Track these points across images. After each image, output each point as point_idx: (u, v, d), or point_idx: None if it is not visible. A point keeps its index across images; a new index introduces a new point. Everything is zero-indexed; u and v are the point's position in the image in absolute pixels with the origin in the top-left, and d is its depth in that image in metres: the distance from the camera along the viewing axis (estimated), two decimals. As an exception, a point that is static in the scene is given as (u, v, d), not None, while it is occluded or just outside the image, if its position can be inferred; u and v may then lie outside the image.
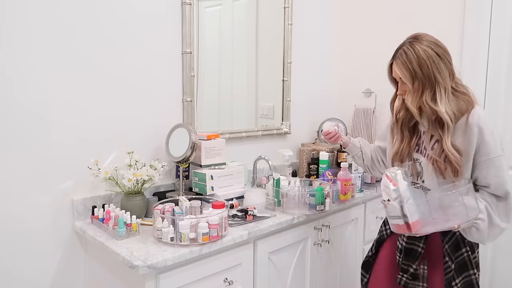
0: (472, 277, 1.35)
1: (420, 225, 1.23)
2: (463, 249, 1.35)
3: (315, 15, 2.50)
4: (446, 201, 1.25)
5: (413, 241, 1.40)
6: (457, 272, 1.34)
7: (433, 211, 1.25)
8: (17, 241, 1.44)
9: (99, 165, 1.54)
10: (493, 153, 1.28)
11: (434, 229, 1.26)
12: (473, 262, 1.35)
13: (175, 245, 1.33)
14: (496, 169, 1.28)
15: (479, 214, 1.27)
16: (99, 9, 1.56)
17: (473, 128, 1.28)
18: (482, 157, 1.29)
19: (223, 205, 1.43)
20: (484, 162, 1.29)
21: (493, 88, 2.09)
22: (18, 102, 1.40)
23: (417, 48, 1.31)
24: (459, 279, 1.34)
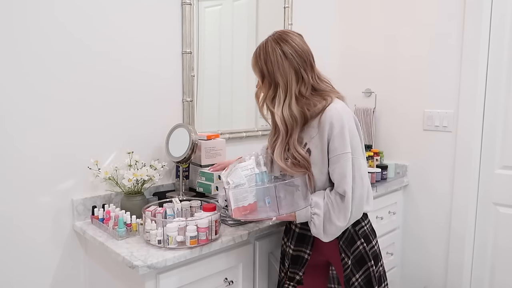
0: (370, 270, 1.31)
1: (240, 213, 1.22)
2: (358, 242, 1.32)
3: (315, 15, 2.50)
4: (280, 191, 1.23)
5: (299, 248, 1.40)
6: (355, 266, 1.31)
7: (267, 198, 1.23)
8: (17, 241, 1.44)
9: (99, 165, 1.54)
10: (340, 150, 1.24)
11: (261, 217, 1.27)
12: (369, 254, 1.32)
13: (162, 248, 1.30)
14: (339, 166, 1.24)
15: (315, 209, 1.26)
16: (100, 10, 1.56)
17: (324, 125, 1.25)
18: (331, 153, 1.26)
19: (213, 207, 1.40)
20: (332, 158, 1.26)
21: (493, 88, 2.09)
22: (15, 102, 1.40)
23: (268, 45, 1.28)
24: (358, 274, 1.31)
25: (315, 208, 1.27)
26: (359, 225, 1.34)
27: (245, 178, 1.29)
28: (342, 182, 1.23)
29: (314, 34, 2.51)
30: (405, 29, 2.38)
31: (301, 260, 1.40)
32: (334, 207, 1.25)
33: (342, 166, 1.24)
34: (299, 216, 1.29)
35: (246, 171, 1.31)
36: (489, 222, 2.15)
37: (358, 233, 1.33)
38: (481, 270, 2.19)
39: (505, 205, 2.09)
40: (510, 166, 2.07)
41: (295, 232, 1.42)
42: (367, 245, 1.33)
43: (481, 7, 2.06)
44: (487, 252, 2.17)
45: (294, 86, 1.27)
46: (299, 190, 1.24)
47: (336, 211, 1.24)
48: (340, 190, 1.24)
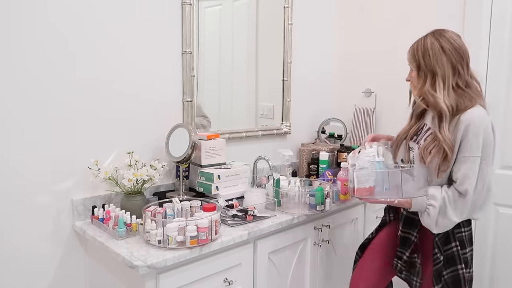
0: (459, 272, 1.40)
1: (361, 193, 1.41)
2: (453, 243, 1.41)
3: (315, 15, 2.50)
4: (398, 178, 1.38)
5: (407, 230, 1.51)
6: (445, 264, 1.41)
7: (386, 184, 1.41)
8: (17, 241, 1.44)
9: (99, 165, 1.54)
10: (469, 152, 1.32)
11: (380, 199, 1.43)
12: (461, 257, 1.41)
13: (162, 248, 1.31)
14: (466, 166, 1.33)
15: (432, 200, 1.36)
16: (100, 10, 1.56)
17: (461, 125, 1.33)
18: (461, 153, 1.34)
19: (213, 207, 1.40)
20: (461, 158, 1.34)
21: (493, 88, 2.09)
22: (17, 101, 1.40)
23: (427, 40, 1.41)
24: (446, 271, 1.41)
25: (431, 199, 1.37)
26: (457, 229, 1.42)
27: (368, 163, 1.44)
28: (465, 182, 1.32)
29: (314, 34, 2.51)
30: (405, 29, 2.37)
31: (409, 241, 1.50)
32: (451, 203, 1.34)
33: (469, 168, 1.32)
34: (415, 204, 1.40)
35: (368, 157, 1.46)
36: (489, 222, 2.15)
37: (455, 236, 1.42)
38: (481, 269, 2.19)
39: (505, 205, 2.09)
40: (510, 166, 2.07)
41: (403, 214, 1.54)
42: (461, 249, 1.42)
43: (481, 7, 2.06)
44: (487, 252, 2.17)
45: (451, 77, 1.37)
46: (414, 180, 1.38)
47: (452, 207, 1.34)
48: (461, 189, 1.33)
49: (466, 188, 1.32)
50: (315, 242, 1.80)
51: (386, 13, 2.47)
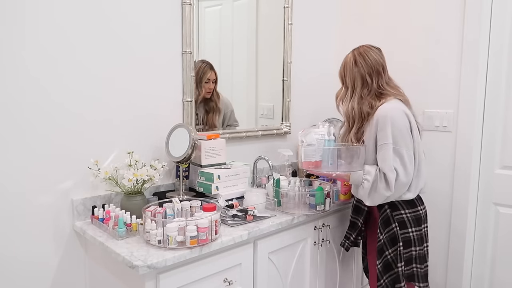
0: (398, 250, 1.59)
1: (307, 166, 1.62)
2: (393, 224, 1.61)
3: (315, 15, 2.50)
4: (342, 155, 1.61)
5: (355, 216, 1.79)
6: (389, 243, 1.61)
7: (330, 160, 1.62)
8: (17, 241, 1.44)
9: (99, 165, 1.54)
10: (383, 140, 1.54)
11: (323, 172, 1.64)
12: (400, 237, 1.59)
13: (162, 248, 1.31)
14: (382, 153, 1.54)
15: (367, 175, 1.56)
16: (100, 10, 1.56)
17: (374, 119, 1.57)
18: (378, 143, 1.57)
19: (214, 207, 1.41)
20: (378, 146, 1.56)
21: (493, 88, 2.09)
22: (18, 102, 1.40)
23: (348, 55, 1.66)
24: (390, 250, 1.61)
25: (367, 175, 1.57)
26: (397, 212, 1.61)
27: (316, 140, 1.67)
28: (384, 166, 1.53)
29: (314, 34, 2.51)
30: (405, 29, 2.38)
31: (356, 226, 1.78)
32: (382, 179, 1.53)
33: (384, 153, 1.53)
34: (353, 177, 1.60)
35: (317, 135, 1.68)
36: (489, 222, 2.15)
37: (394, 218, 1.60)
38: (481, 269, 2.19)
39: (505, 205, 2.09)
40: (510, 166, 2.07)
41: (353, 203, 1.81)
42: (400, 229, 1.60)
43: (481, 7, 2.06)
44: (487, 252, 2.17)
45: (359, 87, 1.62)
46: (358, 158, 1.57)
47: (383, 183, 1.53)
48: (384, 171, 1.53)
49: (384, 171, 1.52)
50: (315, 242, 1.80)
51: (386, 14, 2.46)
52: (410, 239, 1.60)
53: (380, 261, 1.63)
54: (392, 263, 1.61)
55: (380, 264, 1.63)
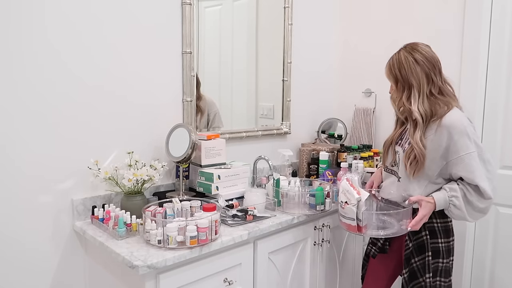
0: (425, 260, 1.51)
1: (365, 229, 1.49)
2: (422, 232, 1.51)
3: (315, 15, 2.50)
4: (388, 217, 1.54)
5: None
6: (416, 251, 1.53)
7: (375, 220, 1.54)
8: (17, 241, 1.44)
9: (99, 165, 1.54)
10: (462, 151, 1.41)
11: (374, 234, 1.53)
12: (430, 246, 1.51)
13: (162, 248, 1.31)
14: (465, 164, 1.41)
15: (452, 192, 1.43)
16: (100, 10, 1.56)
17: (443, 130, 1.43)
18: (453, 155, 1.43)
19: (213, 207, 1.41)
20: (455, 159, 1.43)
21: (493, 87, 2.09)
22: (22, 101, 1.40)
23: (400, 54, 1.52)
24: (417, 258, 1.53)
25: (451, 191, 1.44)
26: (428, 220, 1.48)
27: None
28: (471, 177, 1.40)
29: (314, 34, 2.51)
30: (405, 29, 2.38)
31: None
32: (470, 191, 1.42)
33: (468, 165, 1.41)
34: (438, 203, 1.44)
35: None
36: (489, 222, 2.15)
37: (425, 226, 1.51)
38: (481, 270, 2.19)
39: (505, 205, 2.09)
40: (510, 166, 2.07)
41: None
42: (430, 238, 1.51)
43: (481, 7, 2.06)
44: (487, 252, 2.17)
45: (425, 86, 1.48)
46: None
47: (473, 195, 1.42)
48: (474, 184, 1.41)
49: (476, 182, 1.40)
50: (315, 242, 1.80)
51: (386, 14, 2.46)
52: (439, 250, 1.52)
53: (407, 270, 1.54)
54: (417, 272, 1.53)
55: (406, 274, 1.55)
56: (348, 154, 2.21)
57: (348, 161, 2.15)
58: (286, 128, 2.34)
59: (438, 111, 1.45)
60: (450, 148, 1.43)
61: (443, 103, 1.47)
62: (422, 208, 1.44)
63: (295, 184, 1.80)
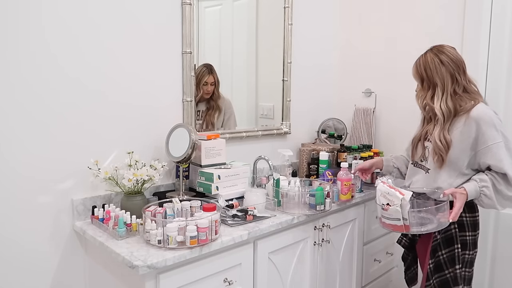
0: (455, 252, 1.56)
1: (411, 227, 1.50)
2: (451, 225, 1.55)
3: (315, 15, 2.50)
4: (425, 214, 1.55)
5: None
6: (444, 244, 1.57)
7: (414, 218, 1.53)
8: (17, 241, 1.44)
9: (99, 165, 1.54)
10: (490, 141, 1.48)
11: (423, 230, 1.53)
12: (458, 238, 1.56)
13: (162, 248, 1.31)
14: (493, 154, 1.48)
15: (482, 183, 1.48)
16: (99, 10, 1.56)
17: (471, 121, 1.50)
18: (482, 145, 1.49)
19: (213, 207, 1.41)
20: (484, 149, 1.49)
21: (493, 88, 2.09)
22: (20, 102, 1.40)
23: (427, 55, 1.60)
24: (444, 250, 1.57)
25: (482, 182, 1.49)
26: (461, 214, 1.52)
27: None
28: (500, 166, 1.46)
29: (314, 34, 2.51)
30: (405, 29, 2.38)
31: None
32: (499, 180, 1.48)
33: (496, 153, 1.47)
34: (470, 193, 1.49)
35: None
36: (489, 222, 2.15)
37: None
38: (481, 270, 2.19)
39: (505, 205, 2.09)
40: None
41: None
42: (459, 231, 1.56)
43: (481, 7, 2.06)
44: (487, 252, 2.17)
45: (449, 85, 1.56)
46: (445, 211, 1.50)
47: (503, 184, 1.48)
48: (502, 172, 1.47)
49: (504, 170, 1.46)
50: (315, 242, 1.80)
51: (386, 14, 2.47)
52: (467, 242, 1.58)
53: (432, 261, 1.60)
54: (443, 264, 1.58)
55: (432, 264, 1.61)
56: (348, 154, 2.21)
57: (348, 161, 2.15)
58: (286, 128, 2.34)
59: (464, 106, 1.53)
60: (478, 139, 1.49)
61: (469, 99, 1.55)
62: (457, 200, 1.48)
63: (295, 184, 1.80)
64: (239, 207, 1.63)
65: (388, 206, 1.51)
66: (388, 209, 1.50)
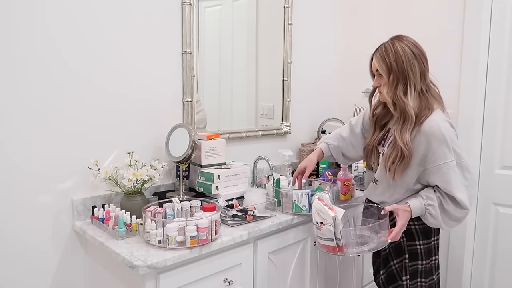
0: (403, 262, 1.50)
1: (346, 248, 1.40)
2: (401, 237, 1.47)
3: (315, 15, 2.50)
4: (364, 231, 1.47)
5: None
6: (394, 254, 1.52)
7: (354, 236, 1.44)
8: (17, 241, 1.44)
9: (99, 165, 1.54)
10: (440, 160, 1.36)
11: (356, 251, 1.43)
12: (407, 248, 1.49)
13: (162, 248, 1.31)
14: (442, 175, 1.37)
15: (429, 200, 1.39)
16: (100, 10, 1.56)
17: (421, 136, 1.38)
18: (431, 164, 1.38)
19: (213, 207, 1.41)
20: (433, 168, 1.38)
21: (493, 88, 2.09)
22: (20, 100, 1.40)
23: (396, 45, 1.42)
24: (395, 260, 1.52)
25: (428, 200, 1.40)
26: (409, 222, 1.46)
27: None
28: (448, 189, 1.36)
29: (314, 34, 2.51)
30: (405, 29, 2.37)
31: None
32: (447, 200, 1.38)
33: (445, 174, 1.36)
34: (414, 211, 1.40)
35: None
36: (489, 222, 2.15)
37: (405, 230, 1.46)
38: (481, 270, 2.19)
39: (505, 205, 2.09)
40: (510, 166, 2.07)
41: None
42: (407, 241, 1.49)
43: (481, 7, 2.06)
44: (487, 252, 2.17)
45: (419, 83, 1.41)
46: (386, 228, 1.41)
47: (450, 204, 1.38)
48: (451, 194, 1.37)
49: (452, 193, 1.37)
50: (315, 242, 1.80)
51: (386, 13, 2.47)
52: (417, 252, 1.50)
53: (384, 271, 1.56)
54: (396, 274, 1.53)
55: (384, 275, 1.56)
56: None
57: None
58: (286, 128, 2.34)
59: (422, 113, 1.39)
60: (428, 156, 1.38)
61: (428, 103, 1.41)
62: (399, 218, 1.39)
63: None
64: (239, 207, 1.63)
65: (322, 225, 1.40)
66: (322, 228, 1.40)
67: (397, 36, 1.45)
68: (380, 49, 1.45)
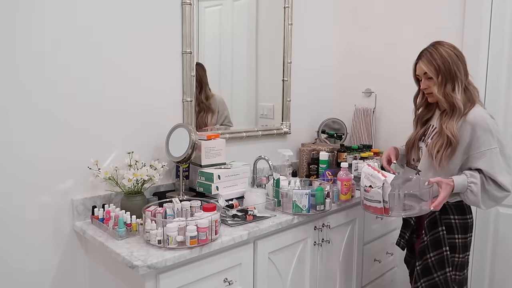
0: (443, 254, 1.55)
1: (391, 210, 1.51)
2: (439, 228, 1.57)
3: (315, 15, 2.50)
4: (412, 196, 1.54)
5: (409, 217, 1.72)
6: (431, 246, 1.58)
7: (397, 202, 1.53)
8: (17, 241, 1.44)
9: (99, 165, 1.54)
10: (484, 147, 1.47)
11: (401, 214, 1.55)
12: (446, 241, 1.56)
13: (162, 248, 1.31)
14: (486, 160, 1.47)
15: (472, 178, 1.47)
16: (101, 9, 1.56)
17: (467, 125, 1.49)
18: (475, 150, 1.49)
19: (213, 207, 1.41)
20: (477, 154, 1.49)
21: (493, 88, 2.09)
22: (21, 102, 1.40)
23: (439, 49, 1.56)
24: (432, 253, 1.57)
25: (471, 178, 1.48)
26: (445, 216, 1.57)
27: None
28: (491, 172, 1.46)
29: (314, 34, 2.51)
30: (405, 29, 2.38)
31: (409, 224, 1.74)
32: (489, 181, 1.47)
33: (489, 160, 1.46)
34: (457, 186, 1.48)
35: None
36: (489, 222, 2.15)
37: (442, 221, 1.57)
38: (481, 270, 2.19)
39: (505, 205, 2.09)
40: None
41: None
42: (447, 233, 1.56)
43: (481, 7, 2.06)
44: (487, 252, 2.17)
45: (464, 80, 1.56)
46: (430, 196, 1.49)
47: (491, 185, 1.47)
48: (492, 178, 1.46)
49: (494, 177, 1.45)
50: (315, 242, 1.80)
51: (386, 14, 2.47)
52: (456, 245, 1.57)
53: (420, 263, 1.60)
54: (432, 267, 1.57)
55: (419, 267, 1.60)
56: (348, 154, 2.22)
57: (348, 161, 2.15)
58: (286, 128, 2.34)
59: (466, 106, 1.52)
60: (472, 143, 1.48)
61: (470, 98, 1.54)
62: (442, 190, 1.47)
63: (295, 184, 1.80)
64: (239, 207, 1.63)
65: (370, 188, 1.52)
66: (370, 191, 1.51)
67: (437, 42, 1.59)
68: (425, 54, 1.58)
